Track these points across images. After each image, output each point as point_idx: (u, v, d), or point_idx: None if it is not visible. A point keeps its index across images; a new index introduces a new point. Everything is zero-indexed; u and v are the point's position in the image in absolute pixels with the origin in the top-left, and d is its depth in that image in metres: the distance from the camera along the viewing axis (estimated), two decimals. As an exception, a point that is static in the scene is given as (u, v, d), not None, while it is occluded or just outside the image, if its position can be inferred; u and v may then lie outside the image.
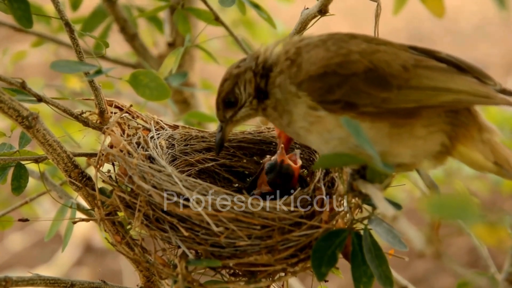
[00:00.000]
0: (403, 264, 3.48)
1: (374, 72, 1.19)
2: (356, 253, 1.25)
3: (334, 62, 1.21)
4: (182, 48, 1.59)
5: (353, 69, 1.19)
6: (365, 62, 1.19)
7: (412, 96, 1.18)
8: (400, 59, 1.20)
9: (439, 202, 0.86)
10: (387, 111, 1.18)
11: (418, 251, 0.93)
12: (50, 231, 1.50)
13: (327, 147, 1.22)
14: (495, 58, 4.97)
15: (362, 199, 1.26)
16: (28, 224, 3.85)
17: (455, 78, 1.20)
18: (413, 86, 1.18)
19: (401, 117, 1.18)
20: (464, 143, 1.21)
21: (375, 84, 1.18)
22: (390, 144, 1.17)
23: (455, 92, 1.18)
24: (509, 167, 1.19)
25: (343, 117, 1.10)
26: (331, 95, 1.20)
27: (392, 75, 1.18)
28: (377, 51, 1.21)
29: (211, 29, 1.72)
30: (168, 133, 1.50)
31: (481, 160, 1.21)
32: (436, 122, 1.20)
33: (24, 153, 1.40)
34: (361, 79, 1.19)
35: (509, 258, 1.14)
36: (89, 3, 2.13)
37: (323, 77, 1.21)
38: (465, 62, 1.24)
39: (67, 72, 1.36)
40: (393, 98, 1.18)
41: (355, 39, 1.24)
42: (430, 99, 1.17)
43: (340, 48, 1.22)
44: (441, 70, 1.20)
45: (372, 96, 1.18)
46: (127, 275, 3.62)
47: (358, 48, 1.21)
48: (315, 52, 1.24)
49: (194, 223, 1.25)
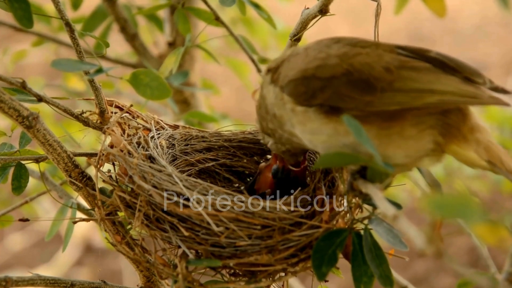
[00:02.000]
0: (404, 264, 3.48)
1: (355, 75, 1.18)
2: (356, 253, 1.25)
3: (312, 66, 1.21)
4: (182, 48, 1.59)
5: (331, 72, 1.19)
6: (344, 65, 1.19)
7: (396, 99, 1.17)
8: (383, 61, 1.19)
9: (440, 201, 0.86)
10: (373, 114, 1.17)
11: (418, 250, 0.93)
12: (50, 231, 1.50)
13: (318, 140, 1.23)
14: (495, 58, 4.97)
15: (362, 198, 1.26)
16: (28, 224, 3.85)
17: (441, 78, 1.18)
18: (397, 88, 1.17)
19: (387, 119, 1.18)
20: (456, 142, 1.20)
21: (358, 87, 1.17)
22: (380, 145, 1.16)
23: (439, 93, 1.16)
24: (501, 165, 1.19)
25: (344, 116, 1.10)
26: (314, 100, 1.20)
27: (375, 77, 1.17)
28: (358, 54, 1.20)
29: (212, 29, 1.72)
30: (169, 133, 1.50)
31: (474, 158, 1.20)
32: (426, 120, 1.19)
33: (25, 152, 1.40)
34: (342, 82, 1.18)
35: (509, 258, 1.14)
36: (89, 3, 2.13)
37: (303, 81, 1.21)
38: (454, 60, 1.22)
39: (67, 70, 1.36)
40: (376, 101, 1.17)
41: (338, 43, 1.24)
42: (414, 101, 1.16)
43: (319, 52, 1.22)
44: (426, 71, 1.19)
45: (356, 100, 1.17)
46: (127, 275, 3.62)
47: (338, 52, 1.21)
48: (295, 59, 1.25)
49: (195, 223, 1.25)
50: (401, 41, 1.29)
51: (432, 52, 1.23)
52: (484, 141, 1.21)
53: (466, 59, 1.24)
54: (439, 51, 1.24)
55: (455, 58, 1.23)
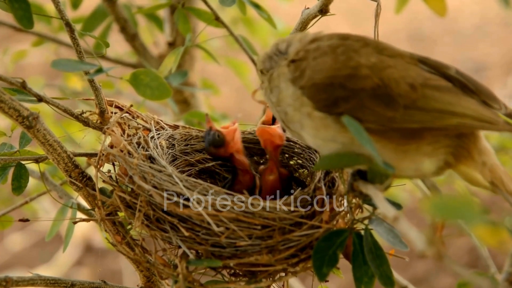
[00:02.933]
0: (404, 264, 3.48)
1: (382, 89, 1.17)
2: (357, 253, 1.25)
3: (342, 75, 1.19)
4: (182, 48, 1.59)
5: (361, 85, 1.18)
6: (375, 79, 1.18)
7: (417, 117, 1.16)
8: (410, 77, 1.19)
9: (441, 203, 0.86)
10: (392, 129, 1.17)
11: (418, 251, 0.93)
12: (50, 231, 1.50)
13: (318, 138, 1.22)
14: (495, 58, 4.97)
15: (362, 199, 1.26)
16: (28, 224, 3.85)
17: (461, 100, 1.18)
18: (420, 107, 1.17)
19: (406, 135, 1.17)
20: (465, 163, 1.21)
21: (382, 102, 1.17)
22: (396, 159, 1.17)
23: (459, 116, 1.17)
24: (502, 186, 1.20)
25: (344, 117, 1.10)
26: (336, 108, 1.18)
27: (399, 94, 1.17)
28: (387, 67, 1.19)
29: (212, 28, 1.72)
30: (169, 133, 1.50)
31: (479, 179, 1.22)
32: (442, 140, 1.19)
33: (25, 153, 1.40)
34: (368, 95, 1.17)
35: (509, 258, 1.14)
36: (89, 2, 2.13)
37: (329, 88, 1.19)
38: (473, 82, 1.22)
39: (68, 70, 1.37)
40: (398, 117, 1.16)
41: (366, 48, 1.22)
42: (435, 122, 1.16)
43: (350, 59, 1.20)
44: (448, 91, 1.19)
45: (377, 114, 1.16)
46: (127, 275, 3.62)
47: (369, 62, 1.19)
48: (323, 60, 1.22)
49: (195, 223, 1.25)
50: (401, 41, 1.29)
51: (452, 70, 1.23)
52: (489, 163, 1.22)
53: (466, 59, 1.25)
54: (458, 70, 1.24)
55: (473, 78, 1.24)
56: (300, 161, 1.51)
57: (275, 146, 1.44)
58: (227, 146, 1.45)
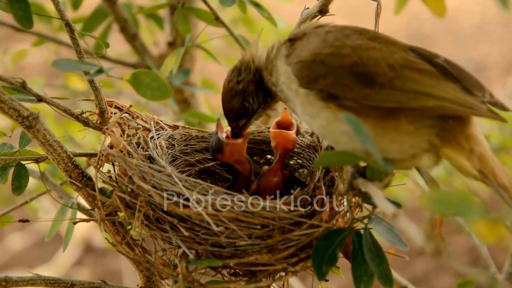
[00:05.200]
0: (403, 264, 3.48)
1: (361, 67, 1.20)
2: (356, 252, 1.25)
3: (324, 52, 1.23)
4: (182, 49, 1.59)
5: (340, 62, 1.21)
6: (354, 57, 1.21)
7: (393, 97, 1.18)
8: (392, 59, 1.21)
9: (440, 198, 0.86)
10: (370, 108, 1.19)
11: (418, 248, 0.93)
12: (50, 231, 1.50)
13: (317, 123, 1.25)
14: (495, 58, 4.97)
15: (362, 198, 1.26)
16: (28, 224, 3.85)
17: (441, 84, 1.20)
18: (396, 86, 1.19)
19: (384, 114, 1.19)
20: (450, 146, 1.22)
21: (359, 79, 1.19)
22: (375, 138, 1.17)
23: (437, 99, 1.18)
24: (493, 178, 1.20)
25: (344, 113, 1.12)
26: (316, 84, 1.22)
27: (377, 73, 1.19)
28: (371, 48, 1.22)
29: (212, 28, 1.73)
30: (168, 133, 1.50)
31: (466, 166, 1.22)
32: (423, 120, 1.20)
33: (25, 153, 1.40)
34: (346, 72, 1.20)
35: (509, 258, 1.14)
36: (89, 3, 2.13)
37: (311, 65, 1.23)
38: (458, 69, 1.23)
39: (68, 70, 1.37)
40: (374, 95, 1.19)
41: (359, 35, 1.25)
42: (411, 102, 1.18)
43: (337, 40, 1.24)
44: (429, 75, 1.20)
45: (354, 91, 1.19)
46: (127, 275, 3.62)
47: (353, 43, 1.23)
48: (313, 39, 1.27)
49: (195, 223, 1.25)
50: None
51: (440, 58, 1.24)
52: (479, 151, 1.22)
53: (466, 59, 1.25)
54: (447, 59, 1.25)
55: (460, 67, 1.25)
56: (300, 161, 1.51)
57: (286, 150, 1.45)
58: (223, 155, 1.46)
